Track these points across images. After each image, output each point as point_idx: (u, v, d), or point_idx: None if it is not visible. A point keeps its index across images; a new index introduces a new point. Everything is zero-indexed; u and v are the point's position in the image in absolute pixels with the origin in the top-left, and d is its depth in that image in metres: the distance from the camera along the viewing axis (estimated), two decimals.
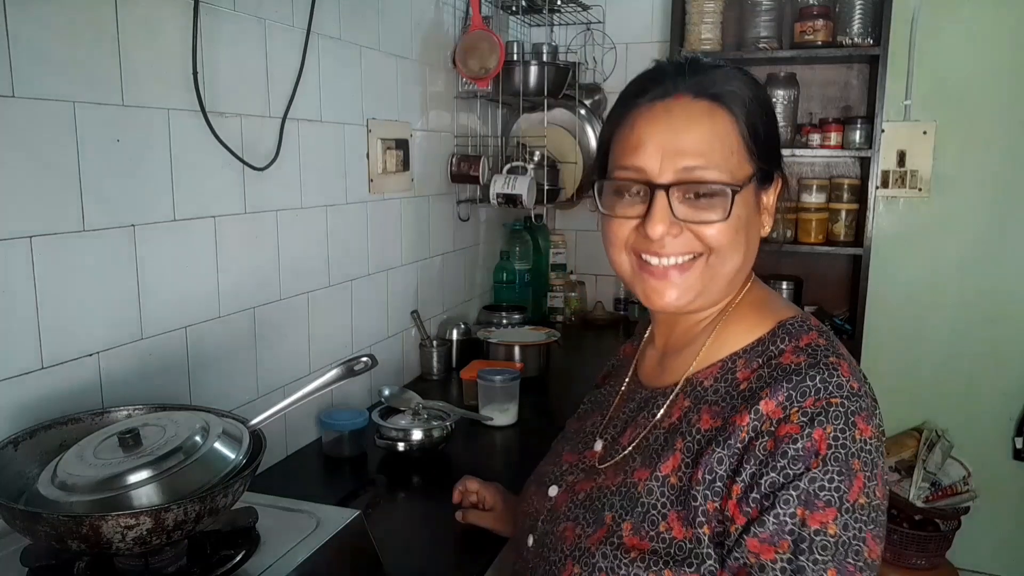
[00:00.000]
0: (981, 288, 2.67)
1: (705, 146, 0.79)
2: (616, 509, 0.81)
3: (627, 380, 0.98)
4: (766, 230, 0.87)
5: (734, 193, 0.79)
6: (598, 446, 0.92)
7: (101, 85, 1.07)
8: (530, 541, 0.92)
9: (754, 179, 0.82)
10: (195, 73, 1.21)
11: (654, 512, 0.78)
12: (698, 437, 0.79)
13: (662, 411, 0.86)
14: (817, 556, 0.69)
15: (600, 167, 0.89)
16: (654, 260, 0.82)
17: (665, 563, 0.75)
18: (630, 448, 0.86)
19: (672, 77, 0.83)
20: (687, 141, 0.79)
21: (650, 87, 0.83)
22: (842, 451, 0.71)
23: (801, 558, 0.69)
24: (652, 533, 0.77)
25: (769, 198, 0.86)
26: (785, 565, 0.70)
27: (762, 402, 0.75)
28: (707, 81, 0.82)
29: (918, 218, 2.72)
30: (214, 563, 0.86)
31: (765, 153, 0.83)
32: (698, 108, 0.81)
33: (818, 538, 0.69)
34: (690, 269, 0.82)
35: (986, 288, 2.67)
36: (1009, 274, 2.64)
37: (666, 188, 0.79)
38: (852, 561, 0.69)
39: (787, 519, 0.70)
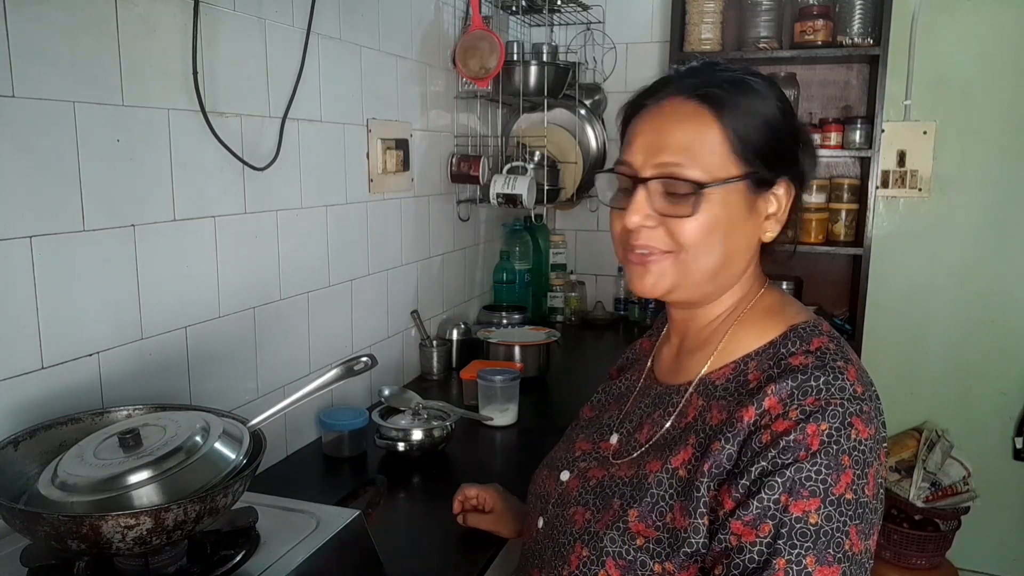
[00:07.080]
0: (981, 288, 2.67)
1: (685, 144, 0.82)
2: (626, 498, 0.83)
3: (643, 376, 1.00)
4: (768, 236, 0.88)
5: (701, 188, 0.81)
6: (614, 439, 0.95)
7: (101, 85, 1.07)
8: (540, 523, 0.95)
9: (744, 182, 0.83)
10: (195, 73, 1.21)
11: (662, 503, 0.80)
12: (709, 432, 0.81)
13: (677, 411, 0.87)
14: (796, 542, 0.70)
15: None
16: (635, 249, 0.86)
17: (667, 554, 0.77)
18: (647, 446, 0.88)
19: (676, 81, 0.86)
20: (669, 139, 0.83)
21: (658, 89, 0.88)
22: (834, 447, 0.73)
23: (779, 542, 0.71)
24: (659, 524, 0.79)
25: (769, 204, 0.86)
26: (763, 548, 0.71)
27: (767, 399, 0.77)
28: (701, 82, 0.84)
29: (918, 218, 2.72)
30: (214, 563, 0.86)
31: (761, 158, 0.83)
32: (686, 108, 0.84)
33: (799, 525, 0.71)
34: (661, 262, 0.85)
35: (986, 288, 2.67)
36: (1009, 274, 2.64)
37: (644, 181, 0.83)
38: (832, 552, 0.70)
39: (770, 504, 0.72)
